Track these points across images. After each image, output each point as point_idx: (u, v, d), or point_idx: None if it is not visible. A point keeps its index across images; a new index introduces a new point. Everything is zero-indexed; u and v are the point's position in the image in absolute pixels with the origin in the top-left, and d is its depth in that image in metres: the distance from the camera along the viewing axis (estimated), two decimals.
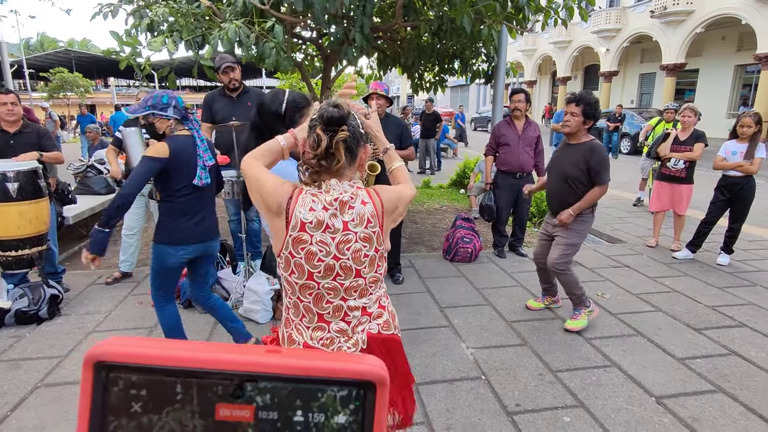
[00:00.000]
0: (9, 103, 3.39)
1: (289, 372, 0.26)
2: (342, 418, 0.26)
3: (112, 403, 0.25)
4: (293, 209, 1.26)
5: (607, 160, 3.04)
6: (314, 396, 0.26)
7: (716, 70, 19.83)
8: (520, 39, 29.05)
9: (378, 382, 0.27)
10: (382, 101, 3.76)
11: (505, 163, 4.67)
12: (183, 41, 3.99)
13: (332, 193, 1.27)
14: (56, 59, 37.42)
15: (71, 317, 3.36)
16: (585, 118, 3.00)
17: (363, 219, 1.29)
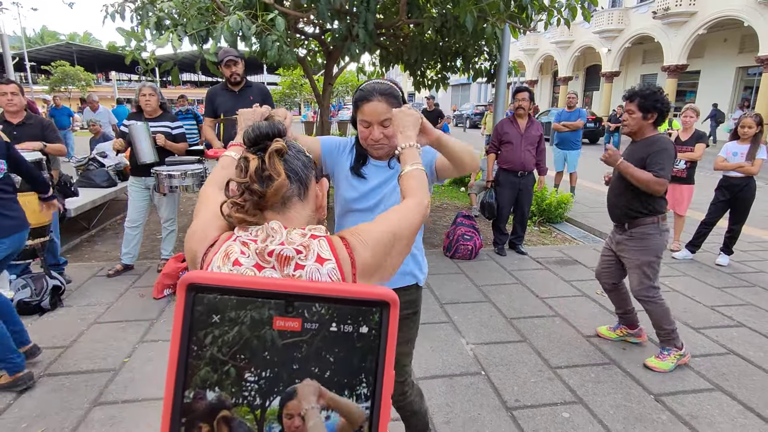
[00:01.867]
0: (9, 93, 3.39)
1: (327, 293, 0.35)
2: (365, 328, 0.35)
3: (197, 316, 0.33)
4: (208, 263, 0.87)
5: (667, 153, 2.60)
6: (345, 312, 0.35)
7: (718, 72, 19.83)
8: (522, 38, 29.03)
9: (392, 302, 0.35)
10: None
11: (507, 161, 4.67)
12: (187, 35, 3.99)
13: (270, 243, 0.84)
14: (58, 52, 37.35)
15: (73, 308, 3.37)
16: (644, 112, 2.63)
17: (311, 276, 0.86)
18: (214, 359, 0.34)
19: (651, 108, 2.61)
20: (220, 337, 0.35)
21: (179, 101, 8.89)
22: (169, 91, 32.97)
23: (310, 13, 5.08)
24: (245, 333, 0.34)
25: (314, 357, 0.35)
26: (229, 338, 0.35)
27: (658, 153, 2.60)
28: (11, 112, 3.42)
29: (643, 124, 2.67)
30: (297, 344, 0.35)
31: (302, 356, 0.35)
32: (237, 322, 0.34)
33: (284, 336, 0.35)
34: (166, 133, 3.90)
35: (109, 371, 2.61)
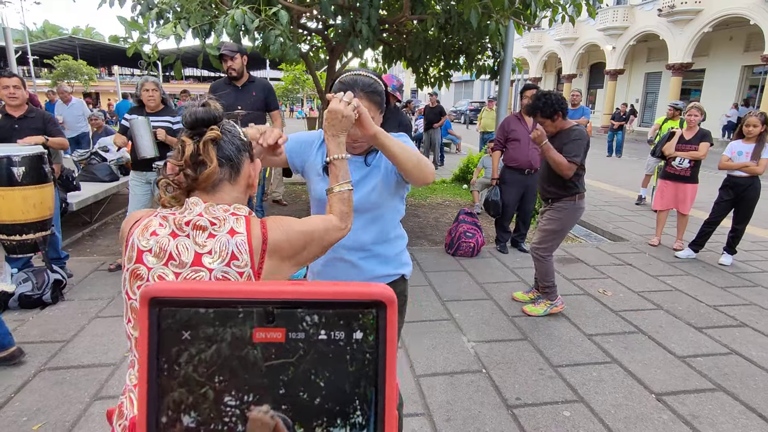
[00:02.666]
0: (11, 87, 3.38)
1: (312, 297, 0.31)
2: (359, 334, 0.31)
3: (165, 333, 0.30)
4: (130, 236, 0.98)
5: (580, 142, 3.08)
6: (335, 317, 0.31)
7: (723, 71, 19.71)
8: (526, 35, 28.90)
9: (388, 302, 0.31)
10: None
11: (513, 159, 4.61)
12: (190, 29, 3.97)
13: (187, 215, 0.95)
14: (61, 46, 37.34)
15: (74, 302, 3.37)
16: (550, 118, 3.10)
17: (224, 253, 0.94)
18: (188, 380, 0.30)
19: (552, 112, 3.08)
20: (195, 356, 0.31)
21: (182, 96, 8.88)
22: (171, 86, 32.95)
23: (314, 8, 5.06)
24: (223, 351, 0.30)
25: (303, 372, 0.31)
26: (205, 357, 0.31)
27: (573, 142, 3.09)
28: (13, 106, 3.41)
29: (556, 125, 3.14)
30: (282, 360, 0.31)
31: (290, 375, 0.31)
32: (212, 339, 0.30)
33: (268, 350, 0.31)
34: (167, 128, 3.88)
35: (109, 365, 2.61)
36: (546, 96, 3.08)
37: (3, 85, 3.37)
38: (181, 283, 0.31)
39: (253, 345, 0.31)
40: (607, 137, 14.25)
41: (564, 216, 3.23)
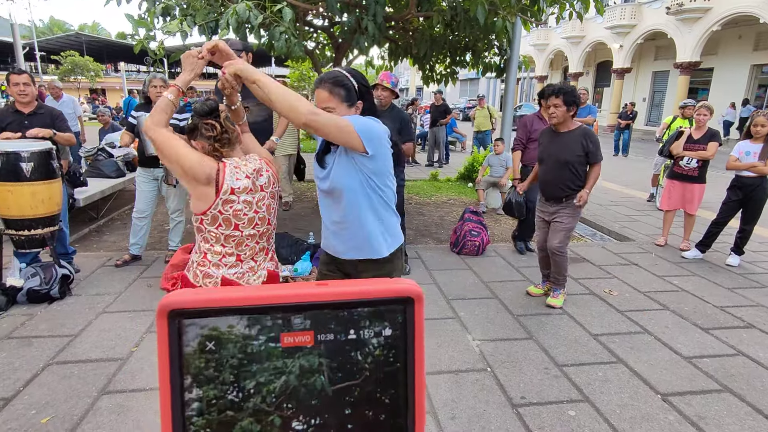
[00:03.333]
0: (21, 84, 3.40)
1: (338, 298, 0.30)
2: (388, 331, 0.31)
3: (188, 346, 0.28)
4: (223, 179, 1.60)
5: (598, 142, 3.28)
6: (363, 316, 0.31)
7: (731, 70, 19.53)
8: (533, 33, 28.74)
9: (416, 297, 0.31)
10: (386, 93, 3.74)
11: (535, 159, 4.39)
12: (197, 25, 3.98)
13: (249, 165, 1.69)
14: (67, 42, 37.48)
15: (82, 297, 3.40)
16: (567, 106, 3.17)
17: (271, 181, 1.75)
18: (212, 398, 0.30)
19: (572, 102, 3.17)
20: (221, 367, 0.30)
21: (189, 92, 8.90)
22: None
23: (319, 6, 5.06)
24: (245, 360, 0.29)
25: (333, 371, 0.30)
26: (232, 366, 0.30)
27: (596, 144, 3.25)
28: (23, 103, 3.44)
29: (567, 116, 3.22)
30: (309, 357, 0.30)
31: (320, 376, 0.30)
32: (238, 348, 0.29)
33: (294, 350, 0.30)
34: (174, 125, 3.89)
35: (116, 360, 2.63)
36: (575, 90, 3.24)
37: (13, 81, 3.39)
38: (200, 294, 0.30)
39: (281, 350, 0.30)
40: (614, 136, 14.17)
41: (579, 211, 3.41)
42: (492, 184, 6.51)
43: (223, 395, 0.30)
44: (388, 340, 0.31)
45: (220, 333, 0.30)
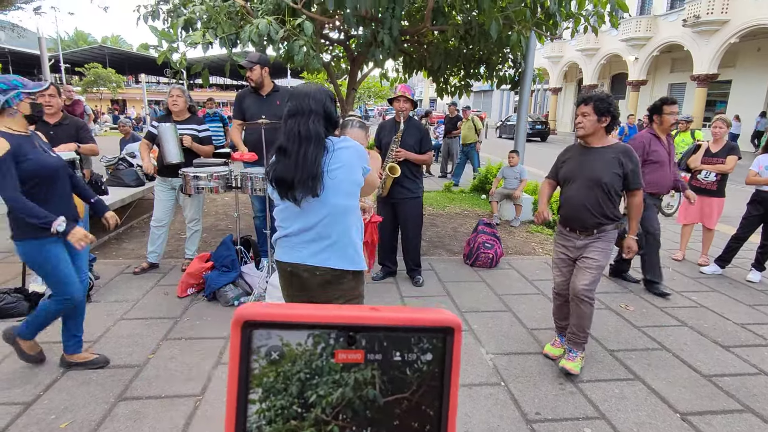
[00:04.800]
0: (47, 95, 3.52)
1: (389, 323, 0.34)
2: (429, 356, 0.35)
3: (257, 356, 0.32)
4: None
5: (639, 165, 2.78)
6: (408, 341, 0.35)
7: (750, 82, 19.25)
8: (547, 45, 28.74)
9: (456, 328, 0.35)
10: (408, 105, 3.82)
11: (654, 183, 3.90)
12: (218, 38, 4.08)
13: None
14: (91, 55, 38.63)
15: (101, 304, 3.46)
16: (599, 115, 2.66)
17: None
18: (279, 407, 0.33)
19: (605, 112, 2.65)
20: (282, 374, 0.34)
21: (208, 103, 9.09)
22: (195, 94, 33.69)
23: (336, 19, 5.15)
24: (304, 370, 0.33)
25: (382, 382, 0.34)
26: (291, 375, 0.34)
27: (637, 165, 2.73)
28: (49, 114, 3.55)
29: (597, 127, 2.69)
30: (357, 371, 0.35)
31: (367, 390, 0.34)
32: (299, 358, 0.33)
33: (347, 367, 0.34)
34: (193, 136, 3.99)
35: (134, 367, 2.67)
36: (611, 97, 2.72)
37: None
38: (271, 308, 0.33)
39: (335, 365, 0.34)
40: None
41: (611, 246, 2.79)
42: (506, 196, 6.49)
43: (289, 405, 0.33)
44: (429, 365, 0.35)
45: (287, 346, 0.33)
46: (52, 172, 2.39)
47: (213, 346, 2.94)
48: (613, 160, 2.68)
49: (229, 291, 3.52)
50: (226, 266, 3.62)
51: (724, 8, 18.10)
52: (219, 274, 3.59)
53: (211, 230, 5.57)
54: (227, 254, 3.66)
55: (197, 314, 3.38)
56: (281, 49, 4.30)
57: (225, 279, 3.55)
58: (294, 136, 1.77)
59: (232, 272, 3.60)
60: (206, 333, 3.11)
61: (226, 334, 3.10)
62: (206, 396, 2.43)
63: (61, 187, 2.46)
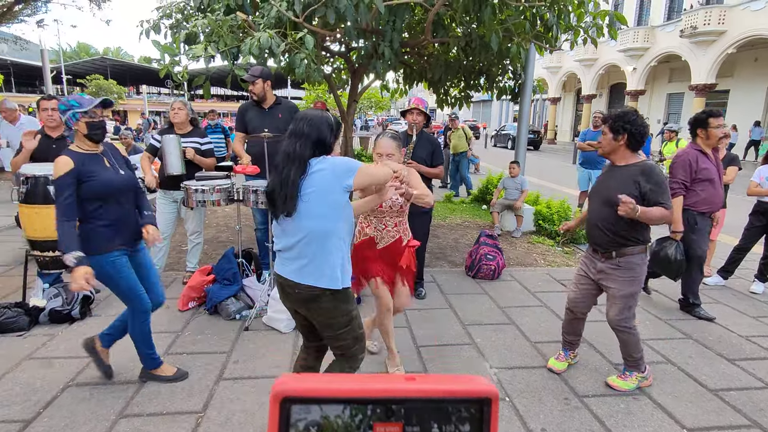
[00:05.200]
0: (50, 109, 3.54)
1: (427, 395, 0.34)
2: (467, 427, 0.34)
3: (294, 428, 0.31)
4: None
5: (665, 184, 2.56)
6: (446, 411, 0.34)
7: (748, 92, 19.38)
8: (546, 56, 28.95)
9: (493, 398, 0.35)
10: (421, 117, 3.77)
11: (706, 202, 3.68)
12: (220, 52, 4.11)
13: None
14: (93, 66, 38.94)
15: (102, 318, 3.44)
16: (614, 134, 2.59)
17: None
18: None
19: (620, 129, 2.57)
20: None
21: (209, 115, 9.13)
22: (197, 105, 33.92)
23: (337, 32, 5.19)
24: None
25: None
26: None
27: (658, 184, 2.53)
28: (51, 127, 3.56)
29: (615, 145, 2.63)
30: None
31: None
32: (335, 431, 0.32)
33: None
34: (196, 148, 3.99)
35: (135, 383, 2.65)
36: (629, 114, 2.59)
37: (42, 107, 3.53)
38: (308, 382, 0.33)
39: None
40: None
41: (639, 273, 2.64)
42: (507, 206, 6.49)
43: None
44: None
45: (326, 419, 0.33)
46: (116, 191, 2.38)
47: (215, 361, 2.91)
48: (628, 179, 2.58)
49: (230, 304, 3.50)
50: (227, 279, 3.60)
51: (721, 19, 18.28)
52: (221, 287, 3.57)
53: (212, 242, 5.55)
54: (229, 267, 3.65)
55: (199, 328, 3.36)
56: (283, 61, 4.33)
57: (227, 292, 3.53)
58: (284, 155, 1.89)
59: (234, 285, 3.59)
60: (208, 347, 3.08)
61: (228, 349, 3.08)
62: (208, 413, 2.41)
63: (127, 205, 2.46)
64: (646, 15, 23.53)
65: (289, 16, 4.19)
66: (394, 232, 2.64)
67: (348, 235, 1.98)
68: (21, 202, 3.22)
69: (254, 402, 2.51)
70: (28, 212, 3.18)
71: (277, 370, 2.84)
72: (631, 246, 2.61)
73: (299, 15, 4.20)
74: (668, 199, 2.55)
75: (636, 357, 2.74)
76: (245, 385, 2.68)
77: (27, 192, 3.18)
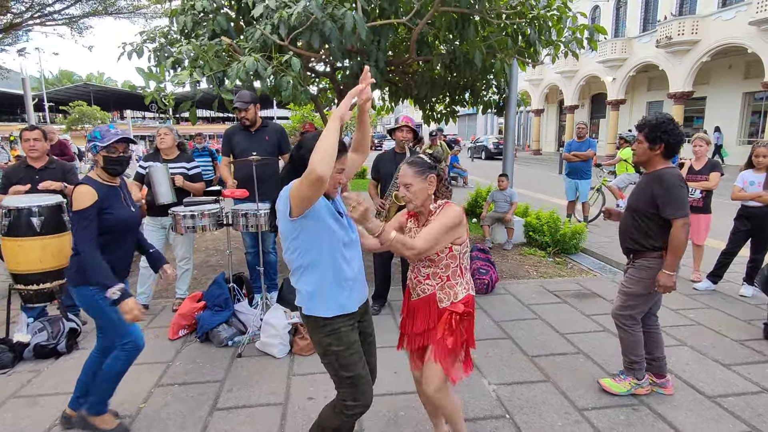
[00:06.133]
0: (32, 139, 3.49)
1: None
2: None
3: None
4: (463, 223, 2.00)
5: (677, 190, 2.51)
6: None
7: (724, 98, 19.92)
8: (528, 69, 29.54)
9: None
10: (410, 135, 3.85)
11: None
12: (205, 76, 4.11)
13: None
14: (75, 93, 38.73)
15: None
16: (650, 143, 2.58)
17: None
18: None
19: (657, 139, 2.57)
20: None
21: (196, 138, 9.09)
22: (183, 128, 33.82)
23: (322, 53, 5.23)
24: None
25: None
26: None
27: (667, 191, 2.51)
28: (33, 158, 3.51)
29: (650, 155, 2.63)
30: None
31: None
32: None
33: None
34: (184, 174, 3.96)
35: (125, 418, 2.57)
36: (667, 122, 2.56)
37: (24, 137, 3.48)
38: None
39: None
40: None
41: (651, 276, 2.64)
42: (497, 219, 6.52)
43: None
44: None
45: None
46: (125, 229, 2.38)
47: (208, 391, 2.84)
48: (646, 186, 2.63)
49: (222, 331, 3.43)
50: (218, 305, 3.54)
51: (694, 29, 18.87)
52: (212, 313, 3.51)
53: (201, 266, 5.48)
54: (219, 293, 3.59)
55: (190, 357, 3.28)
56: (269, 83, 4.34)
57: (218, 318, 3.47)
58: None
59: (225, 311, 3.53)
60: (200, 377, 3.01)
61: (221, 377, 3.00)
62: None
63: (130, 241, 2.47)
64: (623, 27, 24.22)
65: (274, 39, 4.22)
66: (425, 286, 2.02)
67: (327, 266, 1.79)
68: (3, 234, 3.14)
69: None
70: (11, 245, 3.10)
71: (273, 396, 2.78)
72: (647, 251, 2.66)
73: (284, 38, 4.23)
74: (678, 208, 2.50)
75: (632, 359, 2.76)
76: (240, 414, 2.61)
77: (9, 224, 3.11)
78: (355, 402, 1.84)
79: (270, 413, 2.61)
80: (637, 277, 2.69)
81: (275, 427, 2.46)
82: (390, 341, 3.40)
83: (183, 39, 4.63)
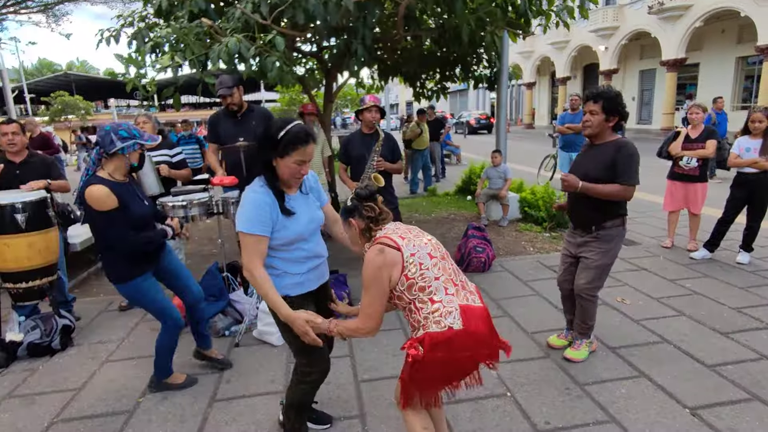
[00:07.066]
0: (10, 133, 3.37)
1: None
2: None
3: None
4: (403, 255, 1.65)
5: (635, 158, 2.62)
6: None
7: (718, 64, 19.75)
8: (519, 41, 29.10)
9: None
10: (378, 115, 3.85)
11: None
12: (187, 60, 3.96)
13: (401, 230, 1.75)
14: (56, 83, 37.79)
15: (84, 347, 3.30)
16: (607, 114, 2.63)
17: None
18: None
19: (614, 111, 2.63)
20: None
21: (182, 126, 8.91)
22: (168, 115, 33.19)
23: (308, 32, 5.07)
24: None
25: None
26: None
27: (628, 159, 2.60)
28: (12, 152, 3.39)
29: (605, 126, 2.67)
30: None
31: None
32: None
33: None
34: (167, 162, 3.86)
35: (123, 413, 2.54)
36: (620, 96, 2.68)
37: (2, 132, 3.35)
38: None
39: None
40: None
41: (615, 245, 2.75)
42: (491, 196, 6.47)
43: None
44: None
45: None
46: (145, 221, 2.47)
47: (206, 382, 2.82)
48: (605, 155, 2.66)
49: (219, 321, 3.40)
50: (213, 295, 3.49)
51: None
52: (207, 304, 3.45)
53: (194, 256, 5.41)
54: (214, 283, 3.54)
55: (187, 349, 3.24)
56: (254, 65, 4.20)
57: (214, 309, 3.43)
58: None
59: (221, 301, 3.48)
60: (198, 369, 2.98)
61: (219, 369, 2.98)
62: None
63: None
64: None
65: (256, 18, 4.06)
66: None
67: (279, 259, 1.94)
68: None
69: (250, 422, 2.42)
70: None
71: (272, 385, 2.76)
72: (610, 219, 2.71)
73: (267, 17, 4.07)
74: (630, 177, 2.59)
75: (590, 324, 2.91)
76: (239, 404, 2.59)
77: None
78: (311, 368, 1.98)
79: (270, 402, 2.59)
80: (604, 249, 2.74)
81: (276, 415, 2.44)
82: (392, 324, 3.39)
83: (162, 22, 4.46)
